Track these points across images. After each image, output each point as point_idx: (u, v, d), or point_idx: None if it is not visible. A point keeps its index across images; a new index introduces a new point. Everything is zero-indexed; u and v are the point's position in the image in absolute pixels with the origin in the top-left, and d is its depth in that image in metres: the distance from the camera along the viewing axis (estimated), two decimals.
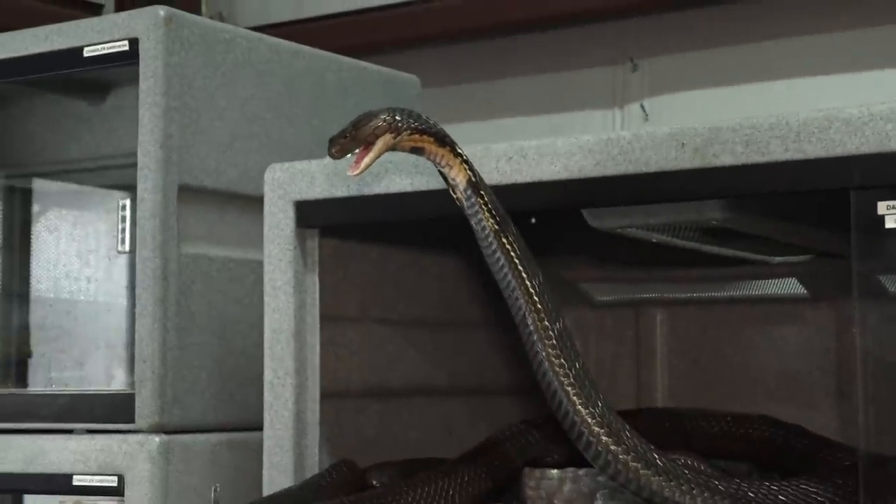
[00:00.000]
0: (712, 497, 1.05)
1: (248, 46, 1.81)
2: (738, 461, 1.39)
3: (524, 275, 1.06)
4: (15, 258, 2.13)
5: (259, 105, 1.77)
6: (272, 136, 1.73)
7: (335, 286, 1.51)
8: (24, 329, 2.11)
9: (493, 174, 1.26)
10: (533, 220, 1.36)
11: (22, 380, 2.05)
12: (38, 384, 2.02)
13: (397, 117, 1.03)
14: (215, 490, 1.35)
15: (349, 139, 1.01)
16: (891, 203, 1.00)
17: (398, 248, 1.64)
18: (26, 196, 2.15)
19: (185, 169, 1.63)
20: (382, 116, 1.03)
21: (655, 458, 1.03)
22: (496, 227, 1.06)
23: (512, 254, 1.06)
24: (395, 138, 1.02)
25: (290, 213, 1.45)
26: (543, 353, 1.03)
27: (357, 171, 1.02)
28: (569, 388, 1.01)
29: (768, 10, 2.34)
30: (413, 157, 1.29)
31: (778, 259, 1.65)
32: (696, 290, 1.92)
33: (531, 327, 1.04)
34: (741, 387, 1.78)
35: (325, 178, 1.44)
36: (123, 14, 1.70)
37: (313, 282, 1.47)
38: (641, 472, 1.01)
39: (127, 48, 1.60)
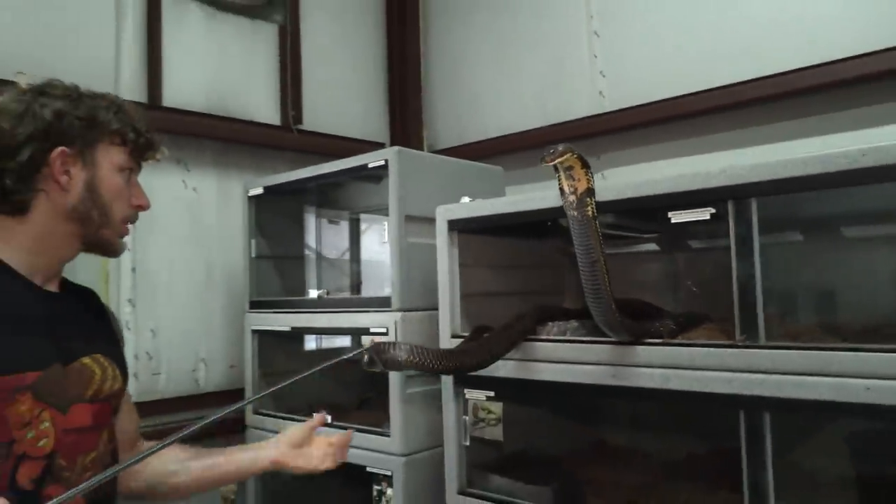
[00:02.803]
0: (630, 332, 1.34)
1: (431, 160, 2.09)
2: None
3: (601, 240, 1.19)
4: (356, 248, 2.53)
5: (438, 184, 1.98)
6: (441, 195, 1.84)
7: (463, 253, 1.73)
8: (359, 273, 2.55)
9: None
10: (549, 223, 1.57)
11: (358, 291, 2.46)
12: (364, 293, 2.40)
13: (572, 147, 1.12)
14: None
15: (554, 153, 1.08)
16: (676, 212, 1.31)
17: (492, 236, 1.80)
18: (358, 222, 2.60)
19: (406, 209, 1.90)
20: (567, 145, 1.11)
21: (619, 316, 1.27)
22: (595, 213, 1.17)
23: (598, 229, 1.17)
24: (571, 156, 1.10)
25: (446, 224, 1.72)
26: (602, 278, 1.20)
27: (553, 163, 1.10)
28: (609, 289, 1.22)
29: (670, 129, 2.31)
30: (489, 200, 1.64)
31: (647, 235, 1.88)
32: (617, 249, 2.01)
33: (601, 267, 1.18)
34: (634, 292, 1.80)
35: (460, 210, 1.70)
36: (383, 150, 1.93)
37: (454, 251, 1.72)
38: (618, 321, 1.29)
39: (384, 163, 1.90)
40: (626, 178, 2.44)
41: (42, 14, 2.19)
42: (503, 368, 1.56)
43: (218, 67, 2.64)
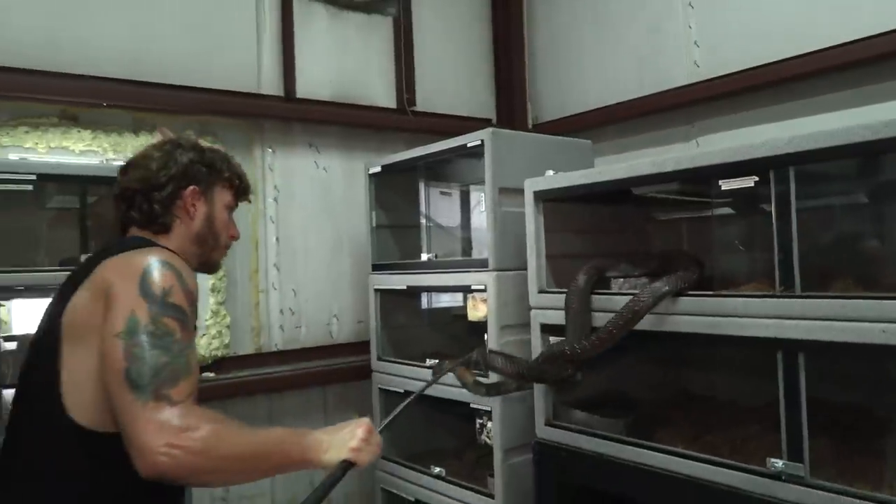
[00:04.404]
0: (676, 285, 1.57)
1: (523, 138, 2.26)
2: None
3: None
4: (466, 216, 2.74)
5: (528, 158, 2.15)
6: (531, 168, 1.99)
7: (548, 219, 1.91)
8: (469, 238, 2.71)
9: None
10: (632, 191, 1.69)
11: (469, 255, 2.62)
12: (474, 256, 2.48)
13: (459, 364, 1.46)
14: None
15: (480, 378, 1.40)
16: (723, 180, 1.48)
17: (573, 203, 1.94)
18: (468, 193, 2.74)
19: (500, 181, 2.10)
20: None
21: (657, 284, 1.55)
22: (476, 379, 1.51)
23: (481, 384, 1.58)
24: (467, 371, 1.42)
25: (532, 195, 1.90)
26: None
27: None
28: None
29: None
30: (569, 173, 1.80)
31: (717, 201, 1.99)
32: (692, 213, 2.16)
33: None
34: (707, 248, 2.01)
35: (543, 182, 1.88)
36: (478, 132, 2.12)
37: (540, 219, 1.91)
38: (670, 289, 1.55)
39: (480, 143, 2.11)
40: (720, 144, 2.46)
41: (198, 28, 2.67)
42: None
43: (341, 59, 3.03)
